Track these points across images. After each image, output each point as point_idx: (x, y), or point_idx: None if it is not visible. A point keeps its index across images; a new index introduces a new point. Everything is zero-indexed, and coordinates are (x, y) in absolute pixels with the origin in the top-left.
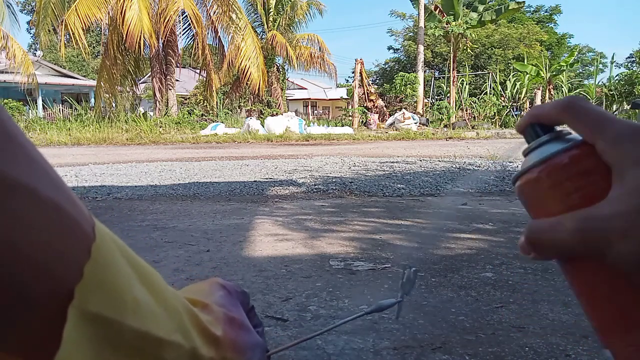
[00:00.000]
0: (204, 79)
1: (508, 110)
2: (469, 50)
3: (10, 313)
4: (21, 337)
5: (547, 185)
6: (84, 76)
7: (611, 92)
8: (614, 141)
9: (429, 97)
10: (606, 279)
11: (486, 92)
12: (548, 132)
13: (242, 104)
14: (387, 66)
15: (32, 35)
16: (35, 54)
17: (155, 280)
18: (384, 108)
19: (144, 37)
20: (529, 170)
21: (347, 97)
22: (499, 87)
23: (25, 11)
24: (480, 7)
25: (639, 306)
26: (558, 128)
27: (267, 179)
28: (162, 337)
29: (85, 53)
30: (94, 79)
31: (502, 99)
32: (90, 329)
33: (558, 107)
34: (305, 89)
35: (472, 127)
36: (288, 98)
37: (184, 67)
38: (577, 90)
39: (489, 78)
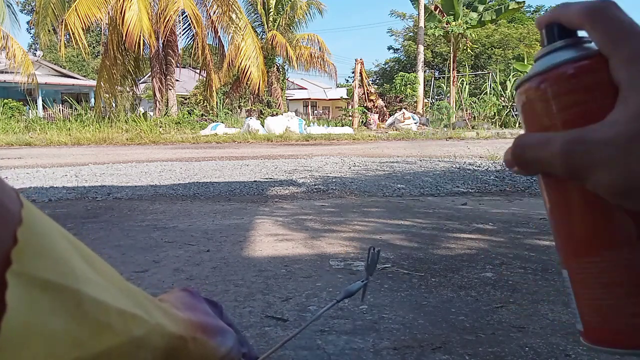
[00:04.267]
0: (204, 79)
1: (508, 110)
2: (469, 50)
3: None
4: None
5: (545, 96)
6: (84, 76)
7: None
8: (629, 59)
9: (429, 97)
10: (581, 202)
11: (486, 92)
12: (567, 36)
13: (242, 104)
14: (387, 66)
15: (32, 35)
16: (35, 54)
17: (101, 262)
18: (384, 108)
19: (143, 37)
20: (531, 77)
21: (347, 97)
22: (499, 87)
23: (25, 11)
24: (480, 7)
25: (606, 229)
26: (580, 34)
27: (267, 179)
28: (125, 309)
29: (85, 53)
30: (94, 79)
31: (502, 99)
32: (45, 298)
33: (582, 10)
34: (305, 89)
35: (472, 127)
36: (288, 98)
37: (184, 67)
38: None
39: (489, 78)
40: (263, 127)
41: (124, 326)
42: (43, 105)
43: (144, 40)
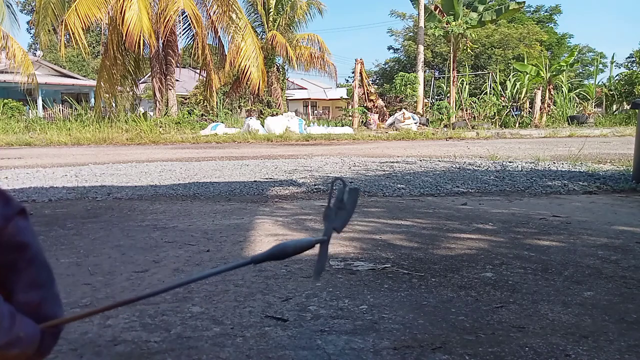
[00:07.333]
0: (204, 79)
1: (508, 110)
2: (469, 50)
3: None
4: None
5: None
6: (84, 76)
7: (611, 92)
8: None
9: (429, 97)
10: None
11: (486, 92)
12: None
13: (242, 104)
14: (387, 66)
15: (32, 35)
16: (35, 54)
17: None
18: (384, 108)
19: (143, 37)
20: None
21: (347, 97)
22: (499, 87)
23: (25, 11)
24: (480, 7)
25: None
26: None
27: (267, 179)
28: None
29: (85, 53)
30: (94, 79)
31: (502, 99)
32: None
33: None
34: (305, 89)
35: (472, 127)
36: (288, 98)
37: (184, 67)
38: (577, 90)
39: (489, 78)
40: (263, 127)
41: None
42: (43, 105)
43: (144, 40)
